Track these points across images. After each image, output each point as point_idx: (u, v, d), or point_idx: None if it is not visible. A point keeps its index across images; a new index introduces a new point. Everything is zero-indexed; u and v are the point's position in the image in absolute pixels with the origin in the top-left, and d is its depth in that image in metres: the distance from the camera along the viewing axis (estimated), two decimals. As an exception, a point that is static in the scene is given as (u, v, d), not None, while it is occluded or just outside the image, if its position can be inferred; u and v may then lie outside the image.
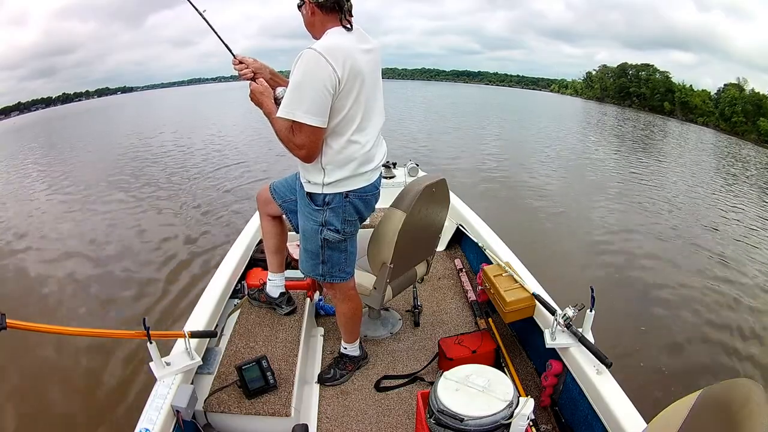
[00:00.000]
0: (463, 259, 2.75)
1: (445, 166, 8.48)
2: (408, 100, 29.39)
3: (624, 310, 3.48)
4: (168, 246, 4.64)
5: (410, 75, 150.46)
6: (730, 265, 4.65)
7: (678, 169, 10.96)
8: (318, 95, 1.22)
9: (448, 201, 1.94)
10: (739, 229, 6.13)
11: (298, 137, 1.28)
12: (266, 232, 1.78)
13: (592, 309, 1.45)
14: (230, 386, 1.50)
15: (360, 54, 1.29)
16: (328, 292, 1.82)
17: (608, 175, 8.88)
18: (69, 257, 4.52)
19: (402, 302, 2.30)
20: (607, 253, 4.72)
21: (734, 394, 0.72)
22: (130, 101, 55.77)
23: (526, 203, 6.46)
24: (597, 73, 62.60)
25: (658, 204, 6.97)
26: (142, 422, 1.23)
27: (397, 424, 1.60)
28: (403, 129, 13.61)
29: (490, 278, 1.89)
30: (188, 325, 1.64)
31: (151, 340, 1.32)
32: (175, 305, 3.41)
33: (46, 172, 9.36)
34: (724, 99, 38.37)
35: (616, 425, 1.24)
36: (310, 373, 1.81)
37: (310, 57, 1.21)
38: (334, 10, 1.29)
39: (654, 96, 48.66)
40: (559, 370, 1.57)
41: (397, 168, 3.45)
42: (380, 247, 1.70)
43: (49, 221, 5.85)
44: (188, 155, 10.13)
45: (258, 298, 1.92)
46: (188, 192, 6.90)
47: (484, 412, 1.09)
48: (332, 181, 1.38)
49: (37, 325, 1.12)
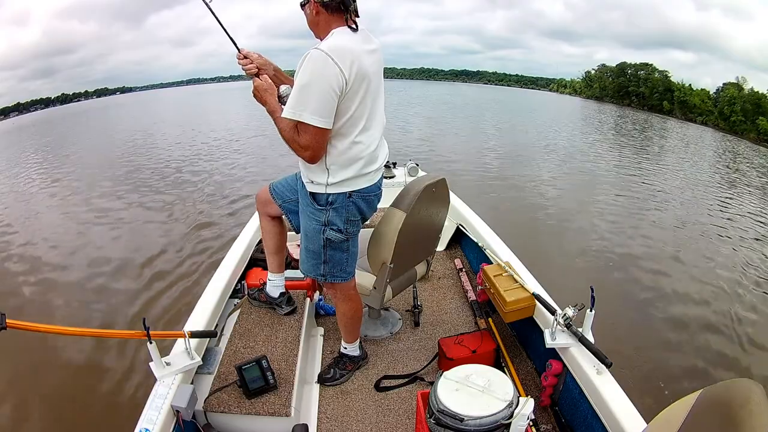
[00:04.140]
0: (463, 259, 2.75)
1: (445, 165, 8.48)
2: (408, 101, 29.35)
3: (624, 310, 3.48)
4: (168, 246, 4.64)
5: (410, 75, 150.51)
6: (730, 265, 4.66)
7: (677, 168, 10.97)
8: (324, 96, 1.22)
9: (448, 201, 1.94)
10: (741, 229, 6.13)
11: (303, 138, 1.27)
12: (266, 233, 1.78)
13: (592, 309, 1.45)
14: (230, 386, 1.50)
15: (366, 55, 1.28)
16: (329, 292, 1.82)
17: (608, 175, 8.88)
18: (69, 257, 4.51)
19: (402, 302, 2.30)
20: (608, 252, 4.72)
21: (734, 394, 0.72)
22: (129, 101, 55.70)
23: (526, 203, 6.47)
24: (596, 73, 62.64)
25: (658, 203, 6.98)
26: (142, 422, 1.23)
27: (397, 424, 1.60)
28: (402, 129, 13.60)
29: (490, 278, 1.89)
30: (188, 325, 1.64)
31: (151, 340, 1.32)
32: (175, 305, 3.41)
33: (46, 171, 9.35)
34: (723, 98, 38.37)
35: (616, 425, 1.24)
36: (310, 373, 1.81)
37: (318, 58, 1.20)
38: (339, 10, 1.28)
39: (653, 95, 48.67)
40: (559, 370, 1.57)
41: (397, 168, 3.45)
42: (380, 247, 1.70)
43: (49, 221, 5.84)
44: (188, 155, 10.12)
45: (258, 298, 1.92)
46: (188, 192, 6.89)
47: (484, 412, 1.09)
48: (336, 181, 1.38)
49: (36, 325, 1.11)
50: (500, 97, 46.56)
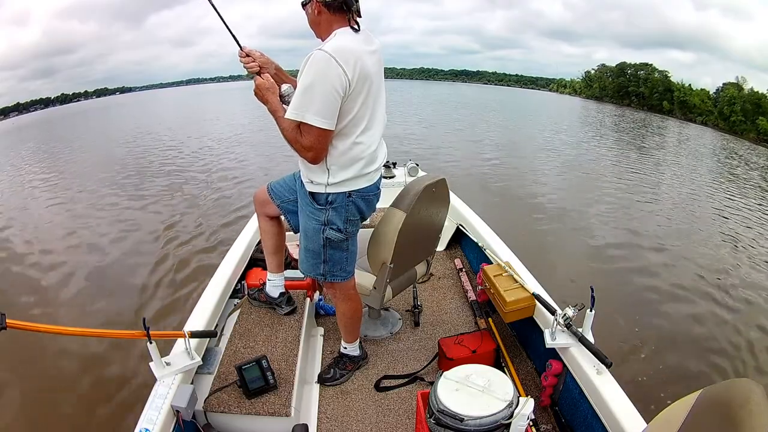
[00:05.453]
0: (463, 259, 2.75)
1: (445, 166, 8.48)
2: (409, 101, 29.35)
3: (624, 310, 3.48)
4: (168, 246, 4.63)
5: (409, 75, 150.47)
6: (732, 264, 4.66)
7: (677, 167, 10.97)
8: (328, 97, 1.21)
9: (448, 201, 1.94)
10: (742, 229, 6.13)
11: (306, 139, 1.27)
12: (264, 233, 1.78)
13: (592, 309, 1.45)
14: (230, 386, 1.50)
15: (367, 56, 1.28)
16: (329, 291, 1.82)
17: (608, 174, 8.87)
18: (68, 257, 4.51)
19: (402, 302, 2.30)
20: (608, 252, 4.72)
21: (734, 394, 0.72)
22: (129, 101, 55.69)
23: (526, 202, 6.46)
24: (596, 73, 62.67)
25: (658, 202, 6.98)
26: (142, 422, 1.23)
27: (397, 424, 1.60)
28: (403, 129, 13.60)
29: (490, 278, 1.89)
30: (188, 325, 1.64)
31: (151, 340, 1.32)
32: (175, 305, 3.41)
33: (46, 171, 9.34)
34: (723, 98, 38.40)
35: (616, 425, 1.24)
36: (310, 373, 1.81)
37: (321, 59, 1.20)
38: (342, 11, 1.27)
39: (653, 95, 48.68)
40: (559, 370, 1.57)
41: (397, 168, 3.44)
42: (380, 247, 1.70)
43: (48, 220, 5.84)
44: (189, 155, 10.11)
45: (258, 298, 1.92)
46: (189, 192, 6.88)
47: (484, 412, 1.09)
48: (336, 181, 1.38)
49: (36, 325, 1.11)
50: (500, 98, 46.57)
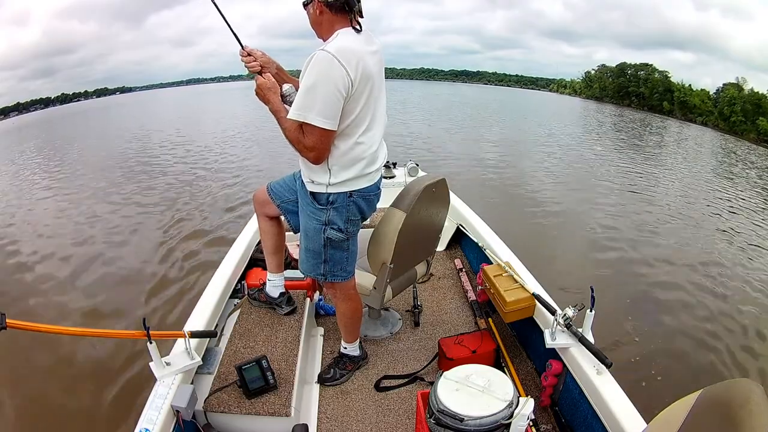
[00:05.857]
0: (463, 259, 2.75)
1: (445, 166, 8.48)
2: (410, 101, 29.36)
3: (624, 310, 3.48)
4: (168, 246, 4.63)
5: (409, 75, 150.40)
6: (732, 264, 4.65)
7: (677, 167, 10.97)
8: (330, 98, 1.22)
9: (448, 201, 1.94)
10: (744, 228, 6.13)
11: (308, 139, 1.27)
12: (264, 233, 1.78)
13: (592, 309, 1.45)
14: (230, 386, 1.50)
15: (369, 56, 1.28)
16: (329, 291, 1.82)
17: (607, 174, 8.88)
18: (68, 257, 4.51)
19: (402, 302, 2.30)
20: (608, 252, 4.72)
21: (734, 394, 0.72)
22: (129, 101, 55.70)
23: (526, 202, 6.46)
24: (596, 73, 62.67)
25: (658, 202, 6.98)
26: (142, 422, 1.23)
27: (397, 424, 1.60)
28: (403, 129, 13.60)
29: (490, 278, 1.89)
30: (188, 325, 1.64)
31: (151, 340, 1.32)
32: (175, 305, 3.41)
33: (45, 171, 9.34)
34: (723, 98, 38.39)
35: (616, 425, 1.24)
36: (310, 373, 1.81)
37: (324, 59, 1.20)
38: (344, 11, 1.27)
39: (653, 95, 48.67)
40: (559, 370, 1.57)
41: (397, 168, 3.44)
42: (380, 247, 1.70)
43: (48, 220, 5.83)
44: (189, 154, 10.11)
45: (258, 298, 1.92)
46: (189, 192, 6.88)
47: (484, 412, 1.09)
48: (338, 181, 1.38)
49: (36, 325, 1.11)
50: (500, 98, 46.57)
